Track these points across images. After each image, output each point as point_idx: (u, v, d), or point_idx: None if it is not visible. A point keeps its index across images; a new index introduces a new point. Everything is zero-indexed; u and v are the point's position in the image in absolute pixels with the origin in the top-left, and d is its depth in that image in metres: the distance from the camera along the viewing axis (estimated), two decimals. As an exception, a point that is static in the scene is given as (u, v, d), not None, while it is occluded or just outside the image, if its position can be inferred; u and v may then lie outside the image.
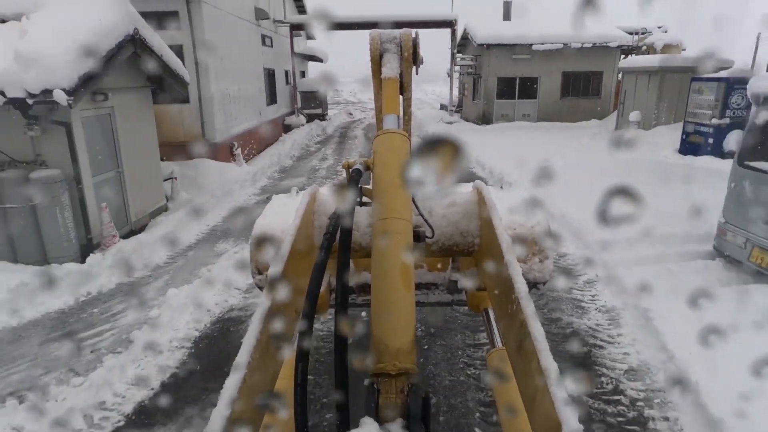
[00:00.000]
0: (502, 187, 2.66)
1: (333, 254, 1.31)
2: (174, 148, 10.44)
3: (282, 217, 2.19)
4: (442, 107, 28.24)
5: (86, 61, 6.22)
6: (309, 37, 26.30)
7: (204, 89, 11.33)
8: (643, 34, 21.33)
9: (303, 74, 25.86)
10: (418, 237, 1.65)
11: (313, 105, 23.18)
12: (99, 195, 7.10)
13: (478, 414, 3.73)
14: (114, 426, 3.67)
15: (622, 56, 20.05)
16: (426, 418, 1.02)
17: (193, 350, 4.65)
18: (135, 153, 8.17)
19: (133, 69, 7.97)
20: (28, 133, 6.28)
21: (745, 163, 5.38)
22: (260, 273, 2.29)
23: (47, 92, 5.72)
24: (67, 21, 6.39)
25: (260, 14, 16.13)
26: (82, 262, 6.48)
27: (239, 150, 12.78)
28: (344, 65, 35.68)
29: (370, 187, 1.70)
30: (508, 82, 20.58)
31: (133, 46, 7.32)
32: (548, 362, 0.97)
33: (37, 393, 3.94)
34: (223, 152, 12.24)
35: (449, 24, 20.81)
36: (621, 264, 5.74)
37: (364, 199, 2.01)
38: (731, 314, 4.33)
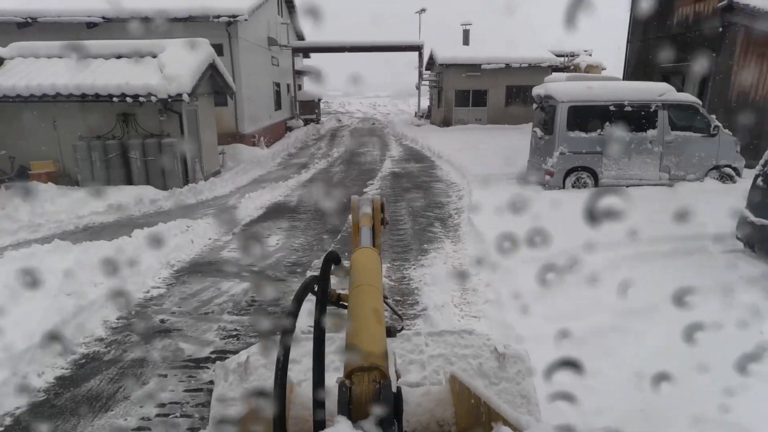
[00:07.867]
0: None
1: None
2: (220, 136, 15.69)
3: None
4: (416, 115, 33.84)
5: (194, 78, 11.51)
6: (305, 57, 31.92)
7: (238, 96, 16.62)
8: (571, 56, 27.09)
9: (300, 87, 31.29)
10: (390, 332, 1.67)
11: (308, 111, 28.60)
12: (191, 154, 12.34)
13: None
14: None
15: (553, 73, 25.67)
16: (398, 413, 1.06)
17: (263, 210, 9.85)
18: (206, 133, 13.42)
19: (208, 82, 13.26)
20: (161, 118, 11.55)
21: (534, 129, 10.81)
22: None
23: (179, 95, 10.97)
24: (182, 57, 11.69)
25: (271, 42, 21.52)
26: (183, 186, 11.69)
27: (262, 139, 18.11)
28: (334, 81, 41.34)
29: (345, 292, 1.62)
30: (463, 94, 26.13)
31: (211, 69, 12.63)
32: None
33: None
34: (249, 140, 17.51)
35: (417, 48, 26.40)
36: (472, 180, 11.09)
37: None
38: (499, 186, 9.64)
